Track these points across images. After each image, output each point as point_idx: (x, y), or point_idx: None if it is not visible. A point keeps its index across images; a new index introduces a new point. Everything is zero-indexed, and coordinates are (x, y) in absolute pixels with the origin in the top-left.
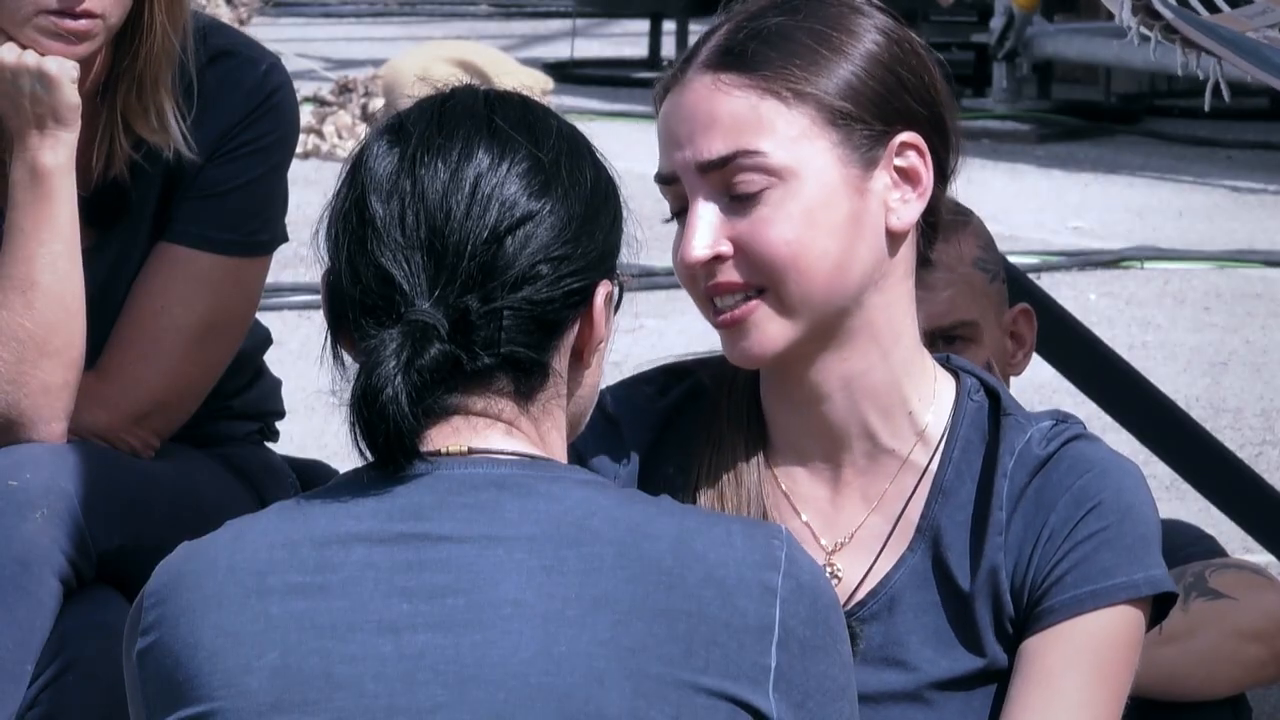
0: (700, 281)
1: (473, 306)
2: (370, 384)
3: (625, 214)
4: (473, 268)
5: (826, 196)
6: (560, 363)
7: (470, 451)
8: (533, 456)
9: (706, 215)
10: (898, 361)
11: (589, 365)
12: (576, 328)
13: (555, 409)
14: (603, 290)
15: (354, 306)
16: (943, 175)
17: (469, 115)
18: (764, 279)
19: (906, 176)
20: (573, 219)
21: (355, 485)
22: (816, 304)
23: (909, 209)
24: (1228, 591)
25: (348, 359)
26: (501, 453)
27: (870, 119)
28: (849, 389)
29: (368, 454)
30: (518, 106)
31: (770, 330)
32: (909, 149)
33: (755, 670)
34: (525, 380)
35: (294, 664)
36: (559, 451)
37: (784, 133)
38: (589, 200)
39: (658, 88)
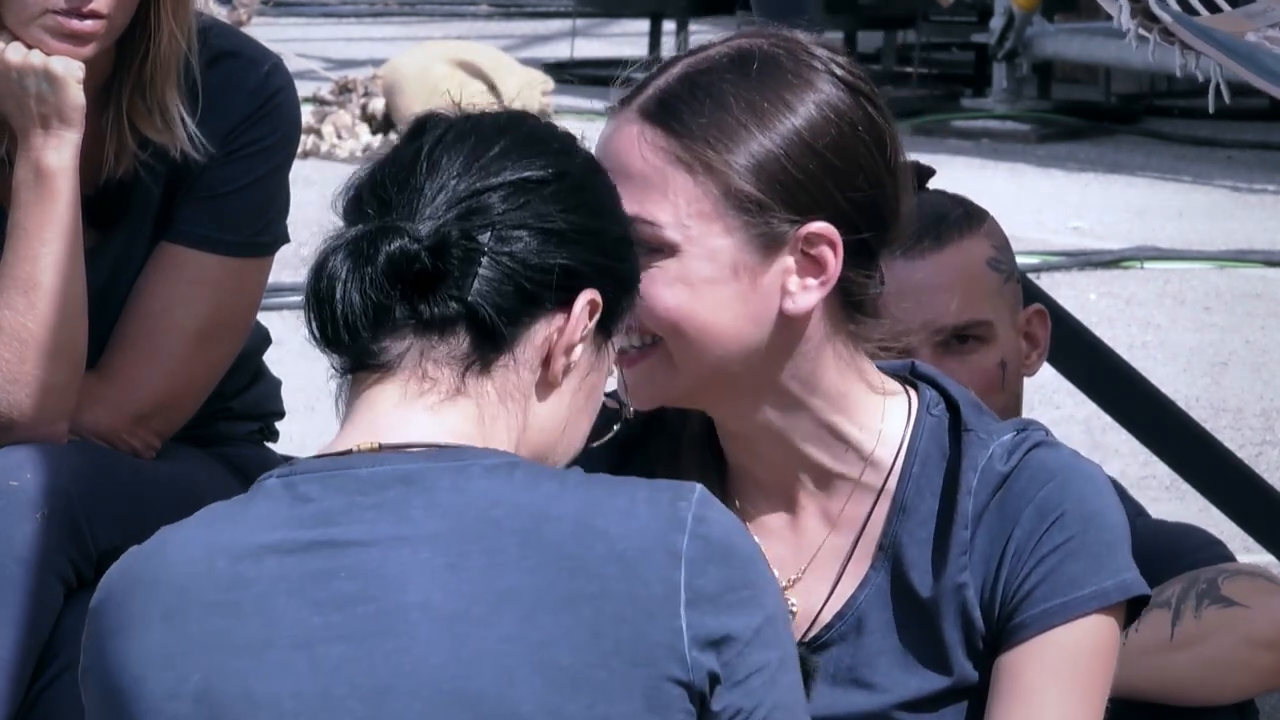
0: None
1: (451, 234)
2: (323, 261)
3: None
4: (463, 203)
5: (714, 274)
6: (525, 353)
7: (380, 448)
8: (442, 446)
9: None
10: (821, 406)
11: (556, 381)
12: (551, 323)
13: (511, 405)
14: (586, 295)
15: (344, 219)
16: (870, 257)
17: (509, 121)
18: (658, 331)
19: (813, 263)
20: (578, 209)
21: (269, 491)
22: (701, 366)
23: (807, 296)
24: (1240, 599)
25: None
26: (411, 446)
27: (779, 207)
28: (774, 433)
29: (318, 340)
30: (560, 133)
31: (656, 381)
32: (820, 240)
33: (668, 635)
34: (482, 346)
35: (215, 686)
36: (500, 439)
37: (685, 208)
38: (601, 214)
39: (612, 94)
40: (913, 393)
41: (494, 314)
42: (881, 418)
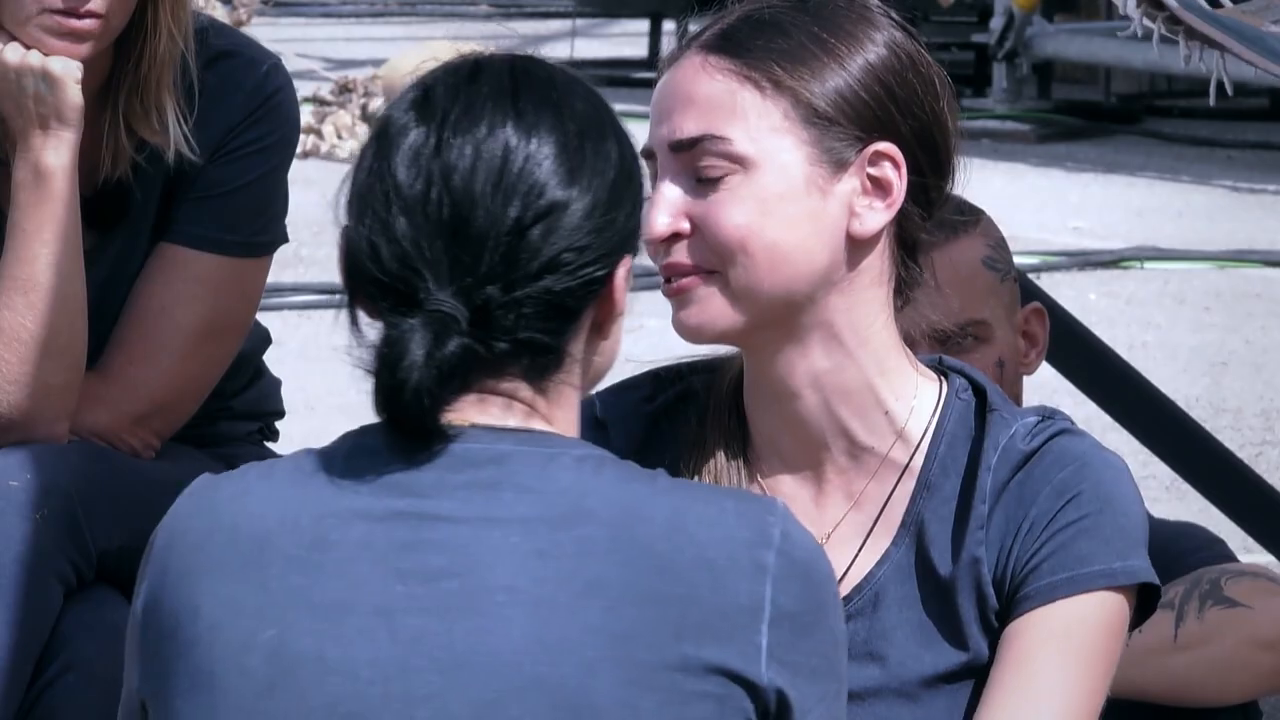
0: (659, 261)
1: (493, 296)
2: (394, 379)
3: (646, 190)
4: (495, 257)
5: (786, 190)
6: (576, 345)
7: (473, 427)
8: (532, 431)
9: (669, 193)
10: (867, 362)
11: (607, 337)
12: (597, 307)
13: (567, 389)
14: (623, 268)
15: (373, 284)
16: (926, 198)
17: (495, 93)
18: (715, 262)
19: (878, 185)
20: (597, 206)
21: (360, 451)
22: (762, 292)
23: (874, 217)
24: (1243, 600)
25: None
26: (502, 428)
27: (847, 124)
28: (818, 386)
29: (389, 422)
30: (543, 84)
31: (712, 307)
32: (884, 159)
33: (747, 648)
34: (539, 362)
35: (290, 644)
36: (570, 419)
37: (755, 123)
38: (613, 185)
39: (661, 63)
40: (942, 379)
41: (543, 337)
42: (915, 394)
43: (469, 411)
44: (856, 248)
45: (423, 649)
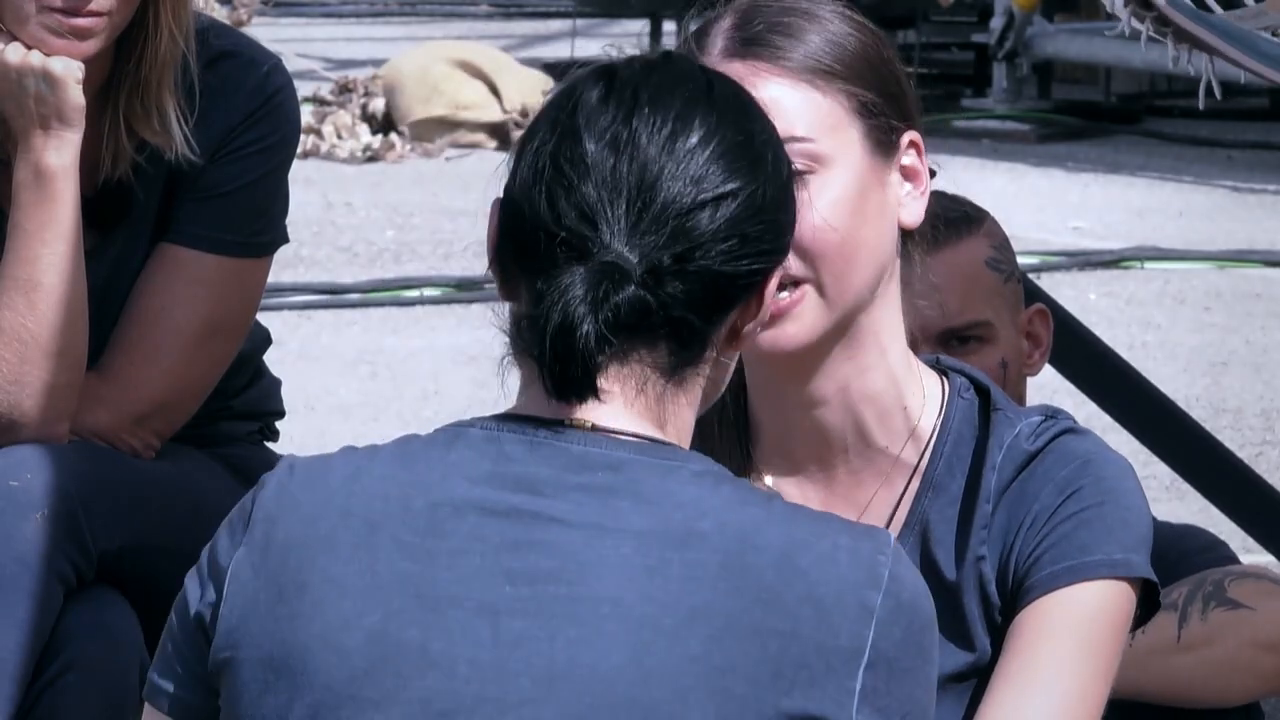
0: None
1: (665, 263)
2: (567, 319)
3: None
4: (671, 229)
5: (861, 186)
6: (718, 338)
7: (594, 428)
8: (651, 439)
9: None
10: (894, 361)
11: (740, 346)
12: (744, 310)
13: (696, 385)
14: (775, 276)
15: (547, 238)
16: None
17: (689, 79)
18: (806, 267)
19: (908, 174)
20: (768, 202)
21: (478, 440)
22: (854, 292)
23: (916, 206)
24: (1246, 601)
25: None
26: (623, 432)
27: (889, 113)
28: (846, 392)
29: (550, 387)
30: (730, 83)
31: (809, 319)
32: (912, 148)
33: (840, 693)
34: (683, 350)
35: (393, 631)
36: (686, 427)
37: (823, 121)
38: (783, 187)
39: None
40: (943, 378)
41: (696, 321)
42: (924, 395)
43: (594, 408)
44: (901, 239)
45: (522, 654)
